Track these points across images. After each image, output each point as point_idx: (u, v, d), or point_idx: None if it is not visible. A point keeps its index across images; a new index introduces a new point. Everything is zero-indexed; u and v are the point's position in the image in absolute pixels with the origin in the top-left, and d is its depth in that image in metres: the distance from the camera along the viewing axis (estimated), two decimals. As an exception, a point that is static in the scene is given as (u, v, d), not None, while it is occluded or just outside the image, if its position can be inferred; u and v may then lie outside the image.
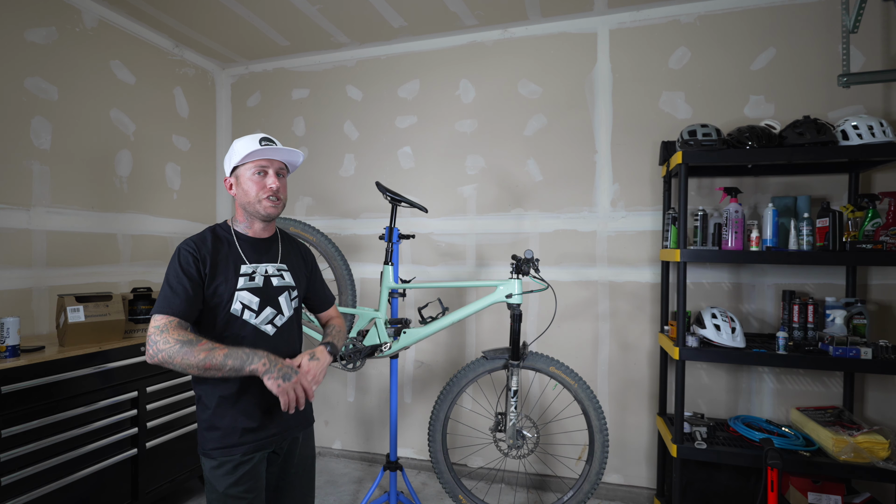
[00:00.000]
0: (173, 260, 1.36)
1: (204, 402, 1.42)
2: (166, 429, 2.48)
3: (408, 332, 2.38)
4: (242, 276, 1.42)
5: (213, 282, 1.38)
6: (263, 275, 1.46)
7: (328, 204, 3.40)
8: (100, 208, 2.77)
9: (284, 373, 1.30)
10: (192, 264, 1.35)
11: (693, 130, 2.25)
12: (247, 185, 1.44)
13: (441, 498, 2.79)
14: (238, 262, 1.43)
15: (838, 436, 2.04)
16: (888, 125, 2.06)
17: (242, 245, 1.47)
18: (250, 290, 1.42)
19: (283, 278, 1.51)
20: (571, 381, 2.28)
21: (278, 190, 1.45)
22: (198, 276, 1.35)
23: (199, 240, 1.42)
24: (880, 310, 2.43)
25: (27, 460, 1.91)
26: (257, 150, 1.41)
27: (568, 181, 2.90)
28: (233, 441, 1.40)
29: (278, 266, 1.52)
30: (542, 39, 2.95)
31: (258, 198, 1.43)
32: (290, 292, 1.52)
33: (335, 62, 3.36)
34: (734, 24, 2.62)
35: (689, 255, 2.21)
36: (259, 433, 1.43)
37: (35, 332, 2.45)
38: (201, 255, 1.38)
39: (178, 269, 1.34)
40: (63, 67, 2.58)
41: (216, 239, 1.44)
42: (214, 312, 1.39)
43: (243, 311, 1.40)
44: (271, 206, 1.45)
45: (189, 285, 1.33)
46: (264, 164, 1.44)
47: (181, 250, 1.37)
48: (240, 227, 1.50)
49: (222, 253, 1.42)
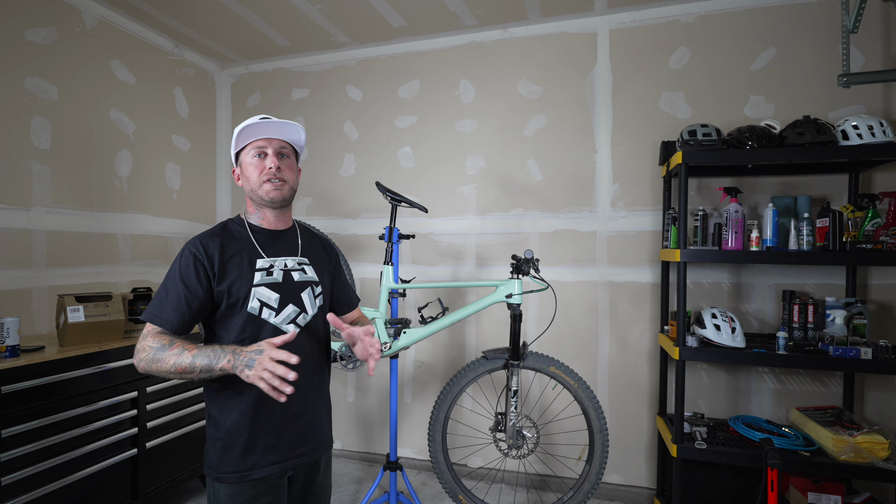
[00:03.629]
0: (175, 262, 1.27)
1: (216, 418, 1.29)
2: (166, 429, 2.48)
3: (408, 332, 2.38)
4: (259, 270, 1.30)
5: (226, 280, 1.27)
6: (283, 269, 1.33)
7: (328, 204, 3.40)
8: (100, 208, 2.77)
9: (247, 360, 1.11)
10: (193, 269, 1.24)
11: (693, 130, 2.25)
12: (248, 171, 1.34)
13: (441, 498, 2.79)
14: (254, 256, 1.32)
15: (838, 436, 2.04)
16: (888, 125, 2.06)
17: (258, 237, 1.35)
18: (268, 286, 1.29)
19: (305, 272, 1.37)
20: (571, 381, 2.28)
21: (280, 170, 1.32)
22: (197, 283, 1.24)
23: (207, 237, 1.30)
24: (880, 310, 2.43)
25: (27, 460, 1.91)
26: (248, 126, 1.30)
27: (568, 181, 2.90)
28: (253, 462, 1.25)
29: (299, 259, 1.38)
30: (542, 39, 2.95)
31: (259, 181, 1.32)
32: (314, 288, 1.38)
33: (335, 62, 3.36)
34: (734, 24, 2.62)
35: (689, 255, 2.21)
36: (283, 451, 1.29)
37: (35, 332, 2.45)
38: (208, 255, 1.26)
39: (176, 275, 1.25)
40: (63, 67, 2.58)
41: (227, 234, 1.33)
42: (232, 312, 1.27)
43: (261, 308, 1.28)
44: (274, 190, 1.32)
45: (183, 294, 1.22)
46: (261, 145, 1.33)
47: (184, 252, 1.27)
48: (252, 218, 1.38)
49: (235, 248, 1.31)
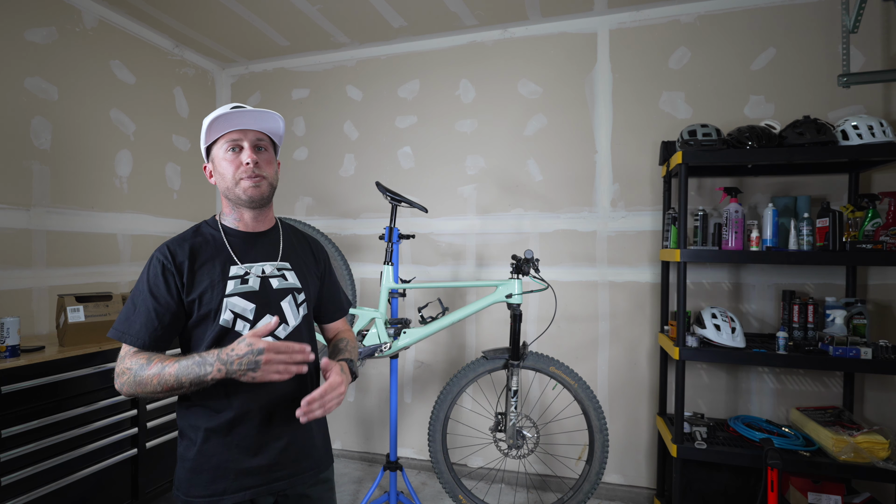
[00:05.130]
0: (143, 272, 1.15)
1: (188, 436, 1.17)
2: (166, 429, 2.48)
3: (408, 332, 2.38)
4: (233, 278, 1.18)
5: (196, 289, 1.15)
6: (259, 276, 1.21)
7: (328, 204, 3.40)
8: (100, 208, 2.77)
9: (248, 363, 1.02)
10: (162, 279, 1.13)
11: (693, 130, 2.25)
12: (222, 167, 1.20)
13: (441, 498, 2.79)
14: (227, 263, 1.19)
15: (838, 436, 2.04)
16: (888, 125, 2.06)
17: (232, 242, 1.23)
18: (243, 296, 1.17)
19: (286, 279, 1.25)
20: (571, 381, 2.28)
21: (258, 165, 1.19)
22: (166, 294, 1.13)
23: (176, 243, 1.19)
24: (880, 310, 2.43)
25: (27, 460, 1.91)
26: (219, 117, 1.16)
27: (568, 181, 2.90)
28: (224, 486, 1.13)
29: (279, 264, 1.26)
30: (542, 39, 2.95)
31: (235, 179, 1.18)
32: (296, 295, 1.26)
33: (335, 62, 3.36)
34: (734, 24, 2.62)
35: (689, 255, 2.21)
36: (259, 476, 1.16)
37: (35, 332, 2.45)
38: (176, 263, 1.15)
39: (144, 286, 1.14)
40: (63, 67, 2.58)
41: (199, 238, 1.21)
42: (205, 326, 1.16)
43: (235, 321, 1.16)
44: (252, 187, 1.19)
45: (152, 307, 1.12)
46: (236, 137, 1.19)
47: (152, 260, 1.15)
48: (227, 220, 1.25)
49: (207, 254, 1.19)
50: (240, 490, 1.14)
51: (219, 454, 1.14)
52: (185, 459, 1.16)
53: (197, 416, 1.16)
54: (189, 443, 1.17)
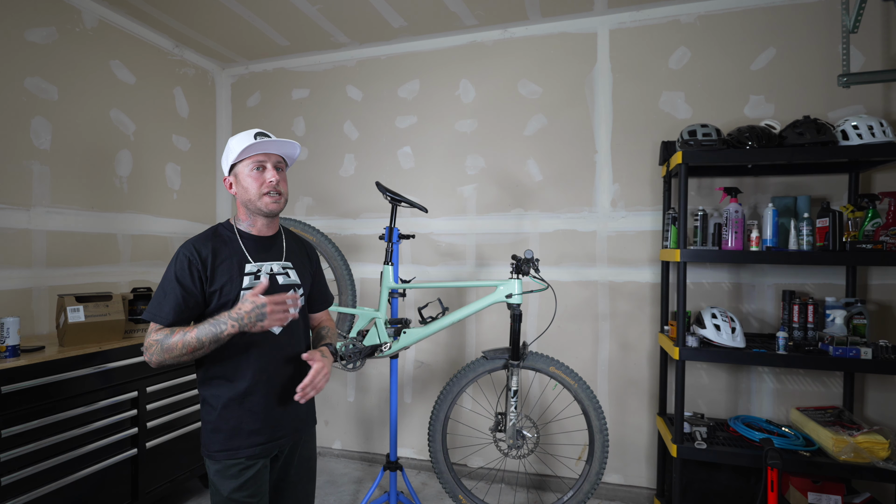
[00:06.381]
0: (171, 264, 1.37)
1: (210, 403, 1.42)
2: (166, 429, 2.48)
3: (408, 332, 2.38)
4: (247, 275, 1.42)
5: (217, 282, 1.38)
6: (269, 273, 1.46)
7: (328, 204, 3.40)
8: (100, 208, 2.77)
9: (256, 315, 1.29)
10: (188, 271, 1.35)
11: (693, 130, 2.25)
12: (246, 182, 1.43)
13: (441, 498, 2.79)
14: (242, 262, 1.43)
15: (838, 436, 2.04)
16: (888, 125, 2.06)
17: (246, 243, 1.46)
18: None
19: (289, 276, 1.51)
20: (571, 381, 2.28)
21: (278, 184, 1.44)
22: (192, 283, 1.35)
23: (199, 242, 1.41)
24: (880, 310, 2.43)
25: (27, 460, 1.91)
26: (253, 144, 1.40)
27: (568, 181, 2.90)
28: (238, 443, 1.40)
29: (283, 264, 1.51)
30: (542, 39, 2.95)
31: (259, 194, 1.42)
32: (296, 290, 1.51)
33: (335, 62, 3.36)
34: (734, 23, 2.62)
35: (689, 255, 2.21)
36: (265, 435, 1.43)
37: (35, 332, 2.45)
38: (201, 259, 1.37)
39: (172, 276, 1.35)
40: (63, 67, 2.58)
41: (219, 239, 1.44)
42: (222, 311, 1.37)
43: None
44: (272, 202, 1.44)
45: (180, 293, 1.34)
46: (261, 159, 1.43)
47: (179, 255, 1.37)
48: (243, 225, 1.49)
49: (225, 253, 1.42)
50: (251, 447, 1.41)
51: (235, 418, 1.40)
52: (207, 423, 1.42)
53: (218, 387, 1.41)
54: (210, 408, 1.42)
